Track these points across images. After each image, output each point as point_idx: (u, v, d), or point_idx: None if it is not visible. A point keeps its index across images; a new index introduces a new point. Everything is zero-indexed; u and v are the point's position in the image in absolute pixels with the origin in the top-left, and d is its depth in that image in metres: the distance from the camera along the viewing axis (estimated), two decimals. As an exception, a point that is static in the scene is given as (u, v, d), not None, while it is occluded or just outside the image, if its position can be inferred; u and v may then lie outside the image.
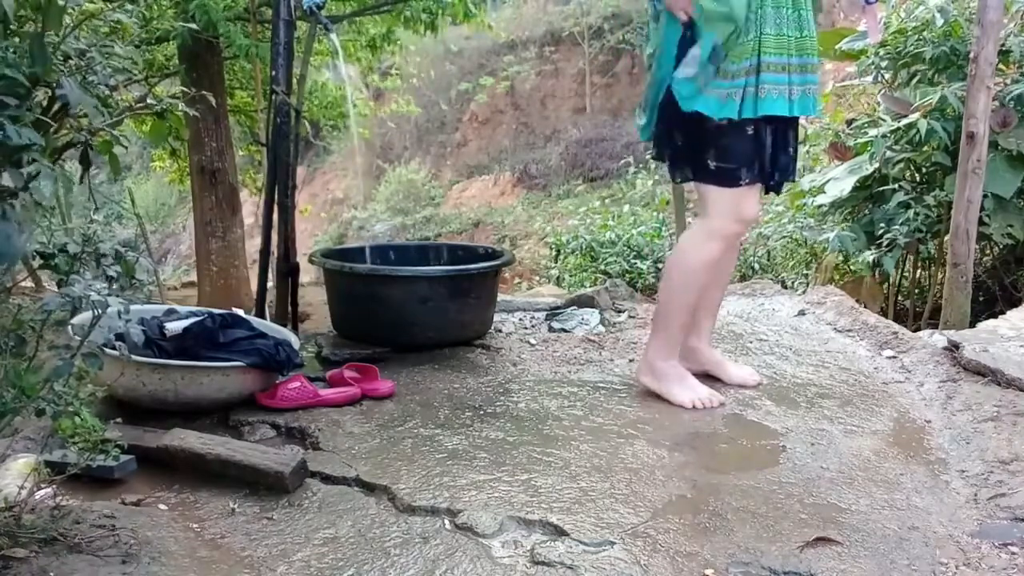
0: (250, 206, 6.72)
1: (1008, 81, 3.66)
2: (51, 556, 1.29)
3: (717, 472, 1.75)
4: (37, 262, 1.30)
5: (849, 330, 2.73)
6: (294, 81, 2.70)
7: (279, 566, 1.39)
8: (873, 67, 4.21)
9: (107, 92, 1.47)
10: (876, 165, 3.92)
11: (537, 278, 7.89)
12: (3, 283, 1.32)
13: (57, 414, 1.29)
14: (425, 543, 1.46)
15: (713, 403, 2.12)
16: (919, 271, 4.23)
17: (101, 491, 1.60)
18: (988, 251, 4.06)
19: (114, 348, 1.42)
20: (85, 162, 1.39)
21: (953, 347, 2.37)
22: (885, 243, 3.77)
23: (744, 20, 1.91)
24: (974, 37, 3.12)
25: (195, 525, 1.51)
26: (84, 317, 1.30)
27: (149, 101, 1.64)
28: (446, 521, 1.53)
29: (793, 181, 2.33)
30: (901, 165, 3.89)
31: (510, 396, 2.19)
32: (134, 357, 1.78)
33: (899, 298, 4.26)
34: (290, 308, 2.70)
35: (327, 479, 1.70)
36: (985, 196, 3.28)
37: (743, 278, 4.62)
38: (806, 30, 1.99)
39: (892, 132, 3.84)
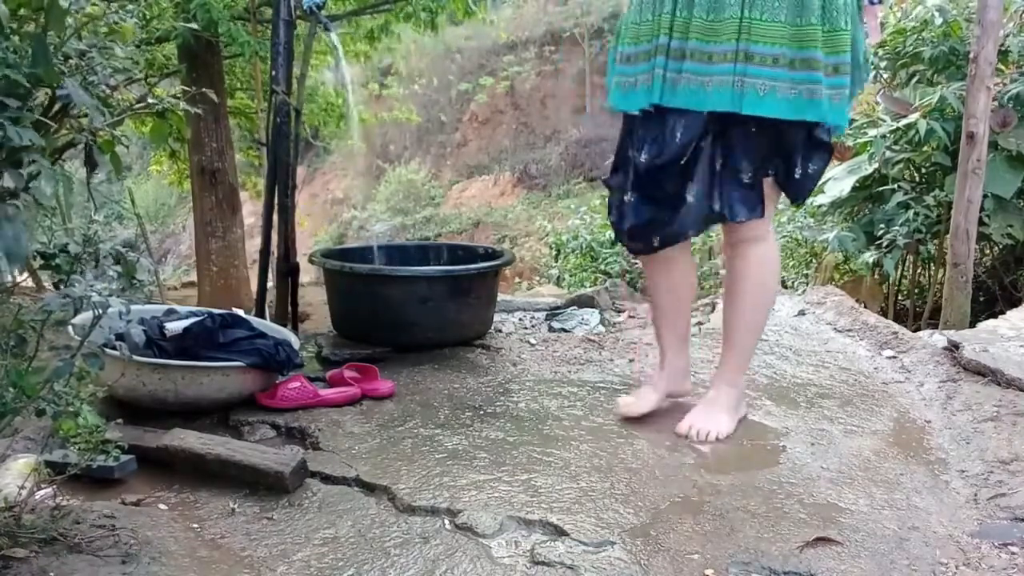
0: (250, 206, 6.73)
1: (1007, 81, 3.67)
2: (51, 556, 1.29)
3: (717, 472, 1.75)
4: (38, 262, 1.30)
5: (849, 330, 2.73)
6: (294, 81, 2.70)
7: (279, 566, 1.39)
8: (872, 67, 4.21)
9: (107, 92, 1.47)
10: (876, 165, 3.93)
11: (537, 278, 7.90)
12: (3, 283, 1.32)
13: (57, 414, 1.29)
14: (425, 543, 1.46)
15: (631, 413, 2.01)
16: (919, 271, 4.23)
17: (101, 491, 1.60)
18: (988, 251, 4.07)
19: (114, 348, 1.42)
20: (90, 164, 1.38)
21: (953, 347, 2.37)
22: (885, 243, 3.77)
23: None
24: (974, 37, 3.12)
25: (195, 525, 1.51)
26: (85, 317, 1.30)
27: (150, 101, 1.64)
28: (446, 521, 1.53)
29: (724, 216, 1.83)
30: (901, 165, 3.90)
31: (510, 396, 2.19)
32: (134, 357, 1.79)
33: (899, 298, 4.26)
34: (290, 308, 2.71)
35: (327, 479, 1.70)
36: (985, 196, 3.29)
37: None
38: (713, 12, 1.69)
39: (892, 132, 3.84)
